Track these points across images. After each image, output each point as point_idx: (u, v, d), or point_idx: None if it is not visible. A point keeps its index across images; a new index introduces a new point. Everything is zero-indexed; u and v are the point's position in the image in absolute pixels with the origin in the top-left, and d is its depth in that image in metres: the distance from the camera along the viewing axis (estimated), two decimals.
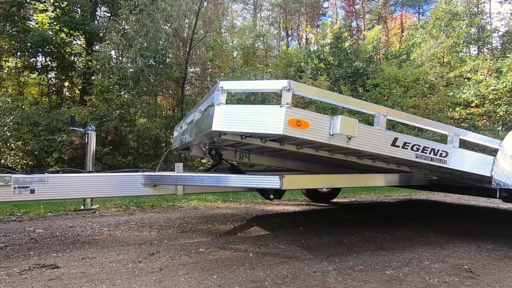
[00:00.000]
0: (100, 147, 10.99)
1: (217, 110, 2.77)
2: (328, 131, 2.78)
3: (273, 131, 2.59)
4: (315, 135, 2.72)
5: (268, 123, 2.62)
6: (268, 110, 2.70)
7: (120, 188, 3.57)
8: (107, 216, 5.38)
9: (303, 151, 3.38)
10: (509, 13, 26.46)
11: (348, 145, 2.89)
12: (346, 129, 2.77)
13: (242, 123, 2.72)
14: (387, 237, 4.35)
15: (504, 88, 15.04)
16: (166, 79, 14.34)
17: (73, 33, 14.16)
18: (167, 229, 4.51)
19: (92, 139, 4.09)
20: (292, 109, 2.61)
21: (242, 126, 2.72)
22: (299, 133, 2.63)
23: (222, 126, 2.76)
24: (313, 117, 2.72)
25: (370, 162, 3.88)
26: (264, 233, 4.45)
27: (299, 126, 2.62)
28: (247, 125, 2.70)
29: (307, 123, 2.67)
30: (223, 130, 2.79)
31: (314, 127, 2.71)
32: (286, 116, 2.57)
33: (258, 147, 4.12)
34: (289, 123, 2.58)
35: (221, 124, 2.75)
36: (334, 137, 2.80)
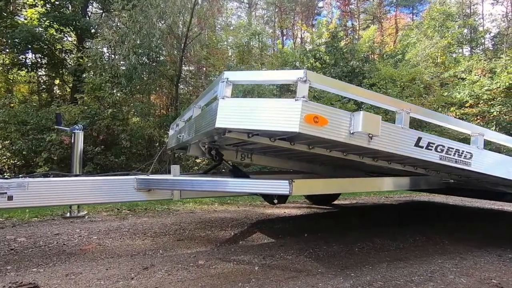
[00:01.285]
0: (91, 147, 10.55)
1: (221, 104, 2.41)
2: (349, 129, 2.43)
3: (287, 128, 2.23)
4: (334, 133, 2.37)
5: (281, 119, 2.26)
6: (281, 104, 2.33)
7: (110, 194, 3.19)
8: (97, 221, 4.98)
9: (315, 151, 3.03)
10: (500, 14, 26.65)
11: (370, 145, 2.54)
12: (369, 127, 2.43)
13: (250, 119, 2.36)
14: (400, 245, 4.03)
15: (498, 88, 14.94)
16: (160, 77, 13.92)
17: (63, 29, 13.66)
18: (162, 237, 4.13)
19: (79, 139, 3.68)
20: (309, 103, 2.26)
21: (250, 122, 2.36)
22: (316, 131, 2.28)
23: (226, 123, 2.40)
24: (332, 113, 2.37)
25: (386, 163, 3.55)
26: (268, 241, 4.09)
27: (316, 123, 2.27)
28: (256, 122, 2.34)
29: (325, 120, 2.32)
30: (228, 127, 2.43)
31: (333, 124, 2.36)
32: (303, 111, 2.22)
33: (262, 147, 3.76)
34: (306, 119, 2.22)
35: (226, 120, 2.39)
36: (354, 136, 2.45)
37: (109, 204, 5.97)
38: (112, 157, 11.00)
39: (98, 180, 3.21)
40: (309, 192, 2.94)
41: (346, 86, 2.73)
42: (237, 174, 3.70)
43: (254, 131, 2.53)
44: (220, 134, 2.64)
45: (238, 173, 3.72)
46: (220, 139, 3.19)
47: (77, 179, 3.18)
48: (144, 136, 12.09)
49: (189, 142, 3.62)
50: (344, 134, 2.41)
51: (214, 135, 2.89)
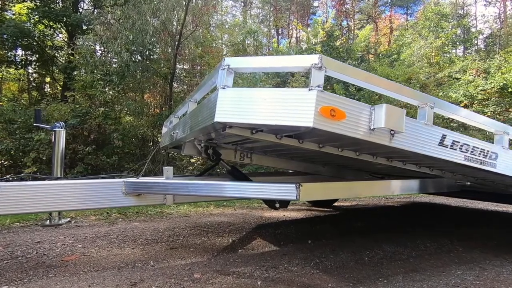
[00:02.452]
0: (82, 147, 10.18)
1: (221, 95, 2.06)
2: (368, 124, 2.10)
3: (300, 123, 1.89)
4: (352, 129, 2.03)
5: (292, 112, 1.91)
6: (292, 95, 1.98)
7: (94, 199, 2.83)
8: (84, 226, 4.61)
9: (325, 150, 2.69)
10: (492, 16, 26.76)
11: (391, 144, 2.20)
12: (392, 122, 2.09)
13: (255, 113, 2.01)
14: (411, 253, 3.71)
15: (492, 88, 14.81)
16: (154, 75, 13.52)
17: (53, 26, 13.23)
18: (153, 245, 3.77)
19: (61, 137, 3.28)
20: (325, 93, 1.92)
21: (255, 116, 2.01)
22: (333, 126, 1.94)
23: (227, 117, 2.05)
24: (351, 106, 2.03)
25: (400, 164, 3.22)
26: (269, 249, 3.75)
27: (333, 117, 1.93)
28: (262, 116, 1.99)
29: (343, 113, 1.98)
30: (229, 121, 2.08)
31: (352, 119, 2.02)
32: (318, 102, 1.88)
33: (264, 146, 3.42)
34: (321, 112, 1.88)
35: (227, 114, 2.04)
36: (374, 132, 2.12)
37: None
38: (104, 157, 10.60)
39: (81, 184, 2.84)
40: (318, 197, 2.57)
41: (369, 76, 2.38)
42: (236, 176, 3.35)
43: (260, 126, 2.17)
44: (219, 130, 2.29)
45: (237, 175, 3.37)
46: (218, 136, 2.85)
47: (56, 183, 2.81)
48: (137, 136, 11.72)
49: (183, 140, 3.27)
50: (363, 130, 2.08)
51: (211, 132, 2.55)
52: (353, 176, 4.99)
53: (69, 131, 10.23)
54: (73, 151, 10.28)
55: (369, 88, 2.42)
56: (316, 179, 4.55)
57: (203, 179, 3.55)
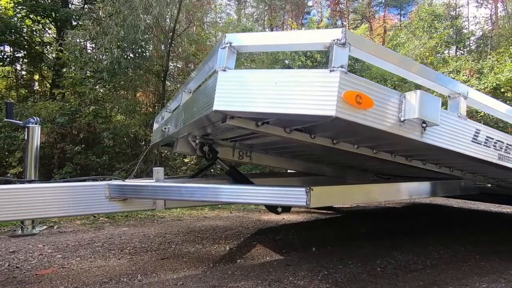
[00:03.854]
0: (71, 146, 9.75)
1: (222, 78, 1.69)
2: (398, 114, 1.74)
3: (319, 111, 1.52)
4: (379, 120, 1.67)
5: (310, 98, 1.55)
6: (309, 77, 1.60)
7: (73, 205, 2.44)
8: (67, 233, 4.21)
9: (340, 147, 2.34)
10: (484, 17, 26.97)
11: (422, 139, 1.85)
12: (427, 112, 1.74)
13: (263, 99, 1.64)
14: (426, 262, 3.37)
15: (485, 88, 14.77)
16: (146, 72, 13.10)
17: (41, 21, 12.74)
18: (142, 254, 3.37)
19: (35, 134, 2.86)
20: (349, 75, 1.56)
21: (263, 103, 1.64)
22: (358, 116, 1.58)
23: (229, 104, 1.68)
24: (379, 91, 1.67)
25: (420, 164, 2.88)
26: (271, 258, 3.38)
27: (359, 104, 1.57)
28: (272, 102, 1.62)
29: (370, 100, 1.62)
30: (231, 110, 1.71)
31: (380, 108, 1.67)
32: (341, 86, 1.52)
33: (266, 143, 3.06)
34: (346, 99, 1.52)
35: (228, 101, 1.68)
36: (405, 124, 1.76)
37: None
38: (94, 157, 10.17)
39: (57, 187, 2.45)
40: (332, 203, 2.20)
41: (402, 60, 2.02)
42: (236, 177, 2.98)
43: (268, 116, 1.79)
44: (217, 122, 1.92)
45: (237, 177, 3.00)
46: (216, 131, 2.48)
47: (28, 187, 2.41)
48: (129, 135, 11.30)
49: (176, 136, 2.89)
50: (392, 121, 1.72)
51: (208, 126, 2.17)
52: (355, 177, 4.66)
53: (58, 130, 9.83)
54: (61, 150, 9.87)
55: (398, 73, 2.06)
56: (319, 180, 4.20)
57: (198, 181, 3.18)
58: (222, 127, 2.17)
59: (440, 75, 2.21)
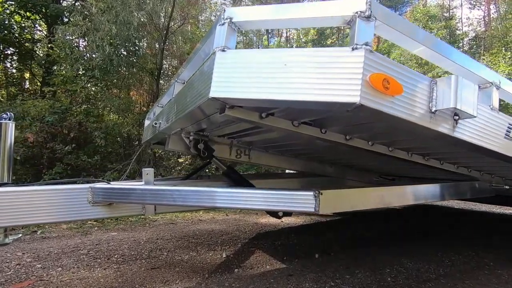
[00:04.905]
0: (61, 146, 9.41)
1: (220, 60, 1.41)
2: (428, 104, 1.47)
3: (339, 98, 1.25)
4: (408, 109, 1.40)
5: (327, 82, 1.27)
6: (327, 56, 1.31)
7: (50, 211, 2.15)
8: (50, 238, 3.90)
9: (353, 143, 2.06)
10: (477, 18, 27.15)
11: (454, 133, 1.58)
12: (464, 102, 1.47)
13: (269, 84, 1.35)
14: (439, 271, 3.10)
15: None
16: (140, 70, 12.78)
17: (31, 17, 12.37)
18: (131, 263, 3.06)
19: (8, 131, 2.55)
20: (375, 55, 1.28)
21: (269, 89, 1.35)
22: (385, 104, 1.31)
23: (228, 90, 1.39)
24: (409, 76, 1.40)
25: (437, 163, 2.61)
26: (271, 266, 3.09)
27: (386, 90, 1.29)
28: (280, 88, 1.33)
29: (399, 86, 1.35)
30: (231, 97, 1.41)
31: (409, 95, 1.40)
32: (366, 68, 1.24)
33: (267, 140, 2.78)
34: (372, 83, 1.25)
35: (228, 87, 1.39)
36: (436, 116, 1.49)
37: None
38: (85, 157, 9.84)
39: (32, 191, 2.15)
40: (343, 209, 1.91)
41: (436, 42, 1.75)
42: (234, 179, 2.70)
43: (275, 104, 1.49)
44: (214, 114, 1.64)
45: (235, 179, 2.72)
46: (211, 126, 2.20)
47: None
48: (121, 134, 10.98)
49: (168, 132, 2.60)
50: (421, 111, 1.45)
51: (203, 119, 1.89)
52: (358, 178, 4.41)
53: (47, 129, 9.49)
54: (51, 150, 9.53)
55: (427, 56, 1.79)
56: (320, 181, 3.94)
57: (192, 184, 2.90)
58: (219, 121, 1.89)
59: (472, 61, 1.94)
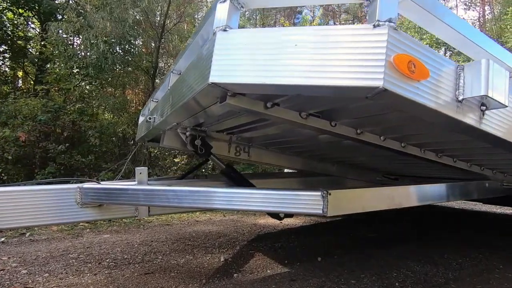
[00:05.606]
0: (54, 145, 9.22)
1: (221, 41, 1.23)
2: (455, 92, 1.31)
3: (359, 82, 1.08)
4: (434, 96, 1.23)
5: (345, 64, 1.10)
6: (343, 35, 1.13)
7: (34, 213, 1.98)
8: (39, 241, 3.70)
9: (364, 138, 1.89)
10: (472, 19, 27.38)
11: (481, 126, 1.42)
12: (495, 90, 1.30)
13: (277, 68, 1.18)
14: (447, 274, 2.94)
15: None
16: (135, 69, 12.59)
17: (24, 14, 12.13)
18: (124, 268, 2.87)
19: None
20: (400, 34, 1.12)
21: (277, 73, 1.18)
22: (410, 90, 1.14)
23: (230, 75, 1.22)
24: (435, 59, 1.24)
25: (450, 161, 2.45)
26: (272, 271, 2.91)
27: (412, 74, 1.13)
28: (290, 71, 1.16)
29: (425, 70, 1.19)
30: (233, 82, 1.24)
31: (435, 81, 1.23)
32: (390, 48, 1.08)
33: (269, 135, 2.61)
34: (396, 64, 1.08)
35: (229, 71, 1.21)
36: (463, 105, 1.33)
37: None
38: (79, 157, 9.64)
39: (15, 192, 1.97)
40: (351, 210, 1.73)
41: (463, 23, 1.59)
42: (234, 178, 2.52)
43: (284, 90, 1.31)
44: (214, 104, 1.47)
45: (234, 178, 2.54)
46: (209, 120, 2.02)
47: None
48: (116, 134, 10.79)
49: (163, 127, 2.42)
50: (447, 99, 1.29)
51: (200, 111, 1.71)
52: (360, 177, 4.26)
53: (40, 128, 9.29)
54: (43, 150, 9.32)
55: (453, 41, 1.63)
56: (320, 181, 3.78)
57: (188, 184, 2.72)
58: (219, 113, 1.72)
59: (500, 47, 1.77)
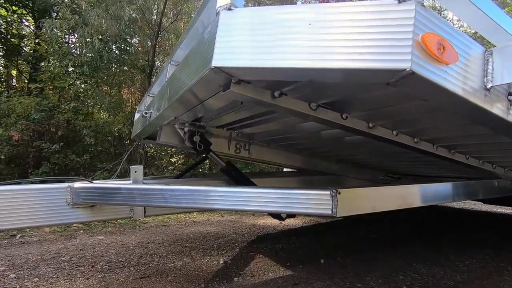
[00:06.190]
0: (48, 144, 9.06)
1: (225, 20, 1.10)
2: (483, 79, 1.19)
3: (383, 64, 0.95)
4: (461, 82, 1.10)
5: (365, 44, 0.97)
6: (363, 12, 1.01)
7: (22, 214, 1.84)
8: (30, 243, 3.55)
9: (376, 132, 1.76)
10: None
11: (508, 117, 1.30)
12: None
13: (288, 50, 1.05)
14: (456, 277, 2.83)
15: None
16: (131, 68, 12.42)
17: (17, 11, 11.93)
18: (118, 271, 2.72)
19: None
20: (427, 11, 0.99)
21: (288, 56, 1.05)
22: (439, 74, 1.01)
23: (235, 58, 1.08)
24: (463, 42, 1.11)
25: (463, 158, 2.33)
26: (274, 274, 2.78)
27: (440, 56, 1.00)
28: (303, 53, 1.03)
29: (455, 53, 1.06)
30: (238, 66, 1.10)
31: (463, 65, 1.11)
32: (418, 25, 0.95)
33: (271, 131, 2.48)
34: (424, 44, 0.95)
35: (234, 54, 1.08)
36: (491, 94, 1.21)
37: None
38: (73, 156, 9.48)
39: None
40: (361, 210, 1.59)
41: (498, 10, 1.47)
42: (234, 177, 2.39)
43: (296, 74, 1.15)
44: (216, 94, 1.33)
45: (236, 177, 2.41)
46: (209, 114, 1.89)
47: None
48: (112, 133, 10.63)
49: (160, 122, 2.28)
50: (475, 86, 1.16)
51: (200, 103, 1.57)
52: (363, 176, 4.14)
53: (33, 127, 9.12)
54: (37, 149, 9.16)
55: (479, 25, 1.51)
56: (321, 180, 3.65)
57: (186, 183, 2.58)
58: (219, 106, 1.59)
59: None
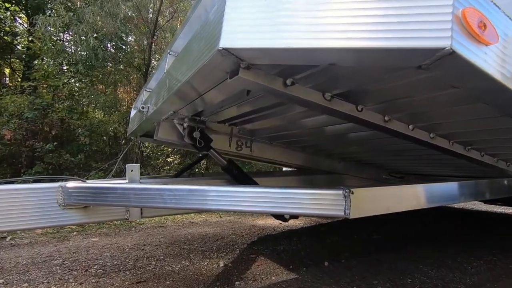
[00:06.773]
0: (41, 144, 8.91)
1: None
2: None
3: (418, 42, 0.82)
4: (499, 65, 0.98)
5: (396, 20, 0.84)
6: None
7: (9, 215, 1.71)
8: (21, 245, 3.40)
9: (392, 126, 1.63)
10: None
11: None
12: None
13: (307, 27, 0.92)
14: (465, 280, 2.72)
15: None
16: (127, 66, 12.27)
17: (10, 7, 11.74)
18: (113, 276, 2.58)
19: None
20: None
21: (308, 35, 0.91)
22: (478, 55, 0.88)
23: (246, 38, 0.94)
24: (502, 21, 0.99)
25: (478, 155, 2.21)
26: (277, 278, 2.65)
27: (481, 35, 0.87)
28: (324, 31, 0.90)
29: (495, 33, 0.93)
30: (249, 47, 0.95)
31: (502, 47, 0.98)
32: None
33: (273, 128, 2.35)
34: (465, 20, 0.82)
35: (245, 32, 0.94)
36: None
37: None
38: (68, 156, 9.33)
39: None
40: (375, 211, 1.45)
41: None
42: (236, 176, 2.26)
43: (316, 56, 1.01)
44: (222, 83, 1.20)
45: (238, 176, 2.28)
46: (210, 108, 1.75)
47: None
48: (107, 132, 10.48)
49: (157, 117, 2.14)
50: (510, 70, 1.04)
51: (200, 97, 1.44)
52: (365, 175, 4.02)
53: (27, 126, 8.96)
54: (30, 148, 9.00)
55: None
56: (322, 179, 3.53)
57: (184, 182, 2.44)
58: (221, 99, 1.46)
59: None
